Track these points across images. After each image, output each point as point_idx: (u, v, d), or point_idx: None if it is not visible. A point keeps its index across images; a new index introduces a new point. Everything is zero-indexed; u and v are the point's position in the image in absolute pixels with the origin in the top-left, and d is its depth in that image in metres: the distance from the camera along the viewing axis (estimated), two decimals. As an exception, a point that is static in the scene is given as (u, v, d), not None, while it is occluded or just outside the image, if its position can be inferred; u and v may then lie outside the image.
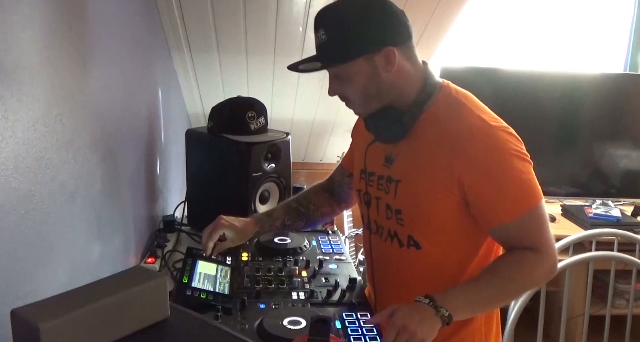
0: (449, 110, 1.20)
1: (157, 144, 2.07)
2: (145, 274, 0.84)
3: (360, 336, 1.24)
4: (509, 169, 1.14)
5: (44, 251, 1.04)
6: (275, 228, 1.53)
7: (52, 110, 1.06)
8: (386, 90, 1.20)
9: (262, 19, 2.18)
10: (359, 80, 1.19)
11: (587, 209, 2.66)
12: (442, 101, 1.21)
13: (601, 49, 3.05)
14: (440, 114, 1.20)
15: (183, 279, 1.38)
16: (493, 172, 1.13)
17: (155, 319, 0.81)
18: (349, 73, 1.19)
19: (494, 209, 1.15)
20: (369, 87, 1.19)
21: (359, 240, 2.90)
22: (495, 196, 1.14)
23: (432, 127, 1.20)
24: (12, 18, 0.90)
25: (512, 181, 1.14)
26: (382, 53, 1.16)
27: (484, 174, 1.13)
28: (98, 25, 1.36)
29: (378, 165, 1.30)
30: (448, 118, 1.19)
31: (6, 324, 0.73)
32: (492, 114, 1.20)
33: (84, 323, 0.72)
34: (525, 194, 1.14)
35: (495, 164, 1.13)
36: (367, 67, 1.17)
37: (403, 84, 1.20)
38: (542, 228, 1.16)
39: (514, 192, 1.14)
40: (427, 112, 1.21)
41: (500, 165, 1.14)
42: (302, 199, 1.58)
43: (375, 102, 1.21)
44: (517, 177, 1.14)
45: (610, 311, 2.10)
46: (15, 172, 0.91)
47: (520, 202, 1.14)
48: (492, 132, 1.15)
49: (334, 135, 2.94)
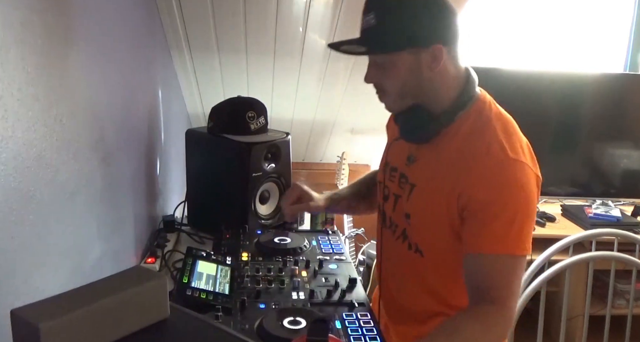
0: (475, 126, 1.15)
1: (157, 144, 2.07)
2: (145, 274, 0.84)
3: (360, 336, 1.24)
4: (508, 208, 1.08)
5: (44, 251, 1.04)
6: (340, 209, 1.52)
7: (52, 110, 1.06)
8: (424, 89, 1.15)
9: (262, 19, 2.18)
10: (400, 73, 1.13)
11: (587, 209, 2.66)
12: (473, 115, 1.17)
13: (601, 49, 3.05)
14: (466, 127, 1.16)
15: (183, 279, 1.38)
16: (495, 200, 1.08)
17: (155, 319, 0.81)
18: (391, 63, 1.13)
19: (479, 235, 1.10)
20: (409, 82, 1.14)
21: (359, 240, 2.90)
22: (486, 223, 1.09)
23: (455, 139, 1.16)
24: (11, 18, 0.90)
25: (507, 220, 1.08)
26: (430, 49, 1.11)
27: (486, 198, 1.08)
28: (98, 26, 1.36)
29: (401, 162, 1.28)
30: (471, 134, 1.14)
31: (6, 324, 0.73)
32: (519, 144, 1.12)
33: (84, 323, 0.72)
34: (515, 240, 1.09)
35: (499, 194, 1.08)
36: (411, 61, 1.12)
37: (441, 86, 1.16)
38: (513, 278, 1.10)
39: (505, 231, 1.08)
40: (455, 123, 1.17)
41: (504, 198, 1.08)
42: (368, 181, 1.55)
43: (409, 99, 1.17)
44: (513, 220, 1.08)
45: (610, 311, 2.10)
46: (15, 172, 0.91)
47: (507, 242, 1.08)
48: (507, 163, 1.09)
49: (334, 135, 2.94)
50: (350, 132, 2.90)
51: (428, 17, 1.11)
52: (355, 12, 2.16)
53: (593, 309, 2.17)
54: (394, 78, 1.15)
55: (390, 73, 1.14)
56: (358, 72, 2.50)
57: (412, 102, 1.17)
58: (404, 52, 1.11)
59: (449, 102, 1.17)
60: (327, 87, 2.59)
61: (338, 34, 2.26)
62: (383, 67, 1.15)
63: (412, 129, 1.20)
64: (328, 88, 2.60)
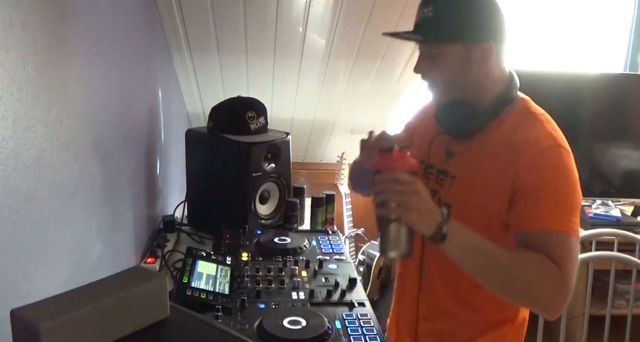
0: (521, 120, 1.19)
1: (157, 144, 2.07)
2: (145, 274, 0.84)
3: (360, 336, 1.24)
4: (567, 187, 1.12)
5: (44, 251, 1.04)
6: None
7: (52, 110, 1.06)
8: (470, 84, 1.19)
9: (262, 19, 2.18)
10: (450, 65, 1.18)
11: (587, 209, 2.66)
12: (517, 112, 1.21)
13: (601, 49, 3.05)
14: (511, 122, 1.20)
15: (183, 279, 1.38)
16: (548, 181, 1.11)
17: (155, 319, 0.81)
18: (442, 55, 1.18)
19: (530, 214, 1.11)
20: (457, 75, 1.19)
21: (359, 240, 2.90)
22: (538, 204, 1.11)
23: (500, 132, 1.19)
24: (11, 18, 0.90)
25: (557, 201, 1.11)
26: (481, 45, 1.16)
27: (539, 180, 1.11)
28: (98, 26, 1.36)
29: (440, 159, 1.29)
30: (518, 126, 1.18)
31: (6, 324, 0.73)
32: (564, 138, 1.18)
33: (84, 323, 0.72)
34: (565, 220, 1.10)
35: (552, 176, 1.12)
36: (462, 55, 1.17)
37: (486, 84, 1.20)
38: (568, 254, 1.09)
39: (555, 210, 1.11)
40: (499, 118, 1.21)
41: (557, 180, 1.12)
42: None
43: (456, 92, 1.21)
44: (562, 202, 1.11)
45: (610, 311, 2.10)
46: (15, 172, 0.91)
47: (558, 220, 1.10)
48: (558, 149, 1.14)
49: (334, 135, 2.94)
50: (350, 132, 2.89)
51: (483, 15, 1.16)
52: (355, 12, 2.18)
53: (593, 309, 2.16)
54: (443, 70, 1.19)
55: (440, 64, 1.19)
56: (358, 72, 2.50)
57: (458, 96, 1.21)
58: (457, 44, 1.16)
59: (492, 99, 1.21)
60: (327, 87, 2.59)
61: (338, 34, 2.26)
62: (434, 58, 1.19)
63: (458, 124, 1.23)
64: (328, 88, 2.60)
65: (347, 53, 2.38)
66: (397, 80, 2.57)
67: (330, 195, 2.11)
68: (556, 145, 1.14)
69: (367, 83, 2.57)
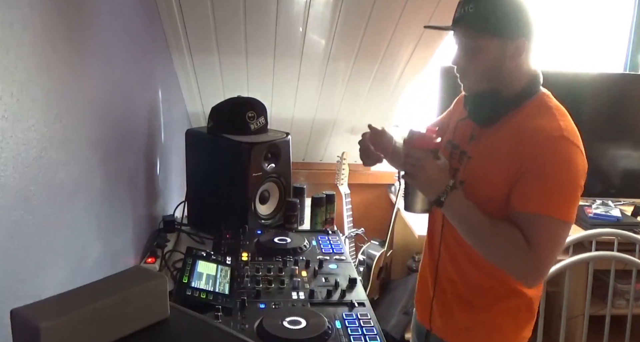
0: (537, 112, 1.28)
1: (157, 144, 2.07)
2: (145, 274, 0.84)
3: (360, 336, 1.24)
4: (561, 175, 1.21)
5: (44, 251, 1.04)
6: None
7: (52, 110, 1.06)
8: (500, 76, 1.29)
9: (262, 19, 2.18)
10: (485, 58, 1.27)
11: (587, 209, 2.66)
12: (535, 104, 1.30)
13: (601, 49, 3.05)
14: (527, 113, 1.29)
15: (183, 279, 1.38)
16: (545, 168, 1.20)
17: (155, 319, 0.81)
18: (480, 49, 1.27)
19: (526, 195, 1.22)
20: (490, 68, 1.28)
21: (359, 240, 2.90)
22: (533, 186, 1.21)
23: (516, 122, 1.29)
24: (11, 18, 0.90)
25: (552, 187, 1.21)
26: (515, 42, 1.25)
27: (537, 166, 1.21)
28: (98, 26, 1.36)
29: (464, 141, 1.41)
30: (533, 117, 1.27)
31: (6, 324, 0.73)
32: (574, 132, 1.26)
33: (84, 323, 0.72)
34: (558, 205, 1.20)
35: (550, 164, 1.21)
36: (497, 49, 1.26)
37: (515, 78, 1.30)
38: (552, 238, 1.22)
39: (549, 196, 1.21)
40: (520, 108, 1.30)
41: (554, 168, 1.21)
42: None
43: (487, 83, 1.30)
44: (561, 187, 1.21)
45: (610, 311, 2.10)
46: (15, 172, 0.91)
47: (549, 206, 1.20)
48: (563, 140, 1.22)
49: (334, 136, 2.94)
50: (350, 132, 2.89)
51: (519, 13, 1.26)
52: (355, 13, 2.18)
53: (593, 309, 2.16)
54: (479, 62, 1.28)
55: (476, 57, 1.28)
56: (358, 73, 2.50)
57: (488, 87, 1.31)
58: (495, 40, 1.26)
59: (517, 91, 1.31)
60: (327, 87, 2.59)
61: (338, 34, 2.26)
62: (471, 51, 1.29)
63: (482, 110, 1.34)
64: (328, 88, 2.60)
65: (347, 53, 2.38)
66: (397, 81, 2.57)
67: (330, 195, 2.11)
68: (561, 137, 1.22)
69: (367, 83, 2.57)
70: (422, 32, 2.25)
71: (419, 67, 2.49)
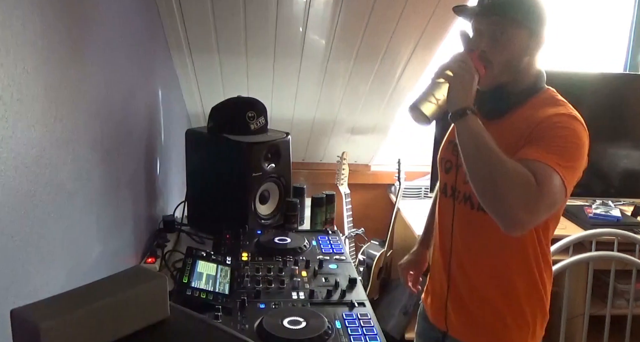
0: (545, 104, 1.30)
1: (157, 144, 2.07)
2: (145, 274, 0.84)
3: (360, 336, 1.24)
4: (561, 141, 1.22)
5: (44, 251, 1.04)
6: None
7: (52, 110, 1.06)
8: (517, 69, 1.30)
9: (262, 19, 2.18)
10: (513, 47, 1.27)
11: (587, 209, 2.66)
12: (542, 99, 1.33)
13: (601, 49, 3.05)
14: (534, 106, 1.31)
15: (183, 279, 1.38)
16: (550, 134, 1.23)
17: (155, 319, 0.81)
18: (508, 38, 1.27)
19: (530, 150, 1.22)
20: (515, 58, 1.29)
21: (359, 240, 2.90)
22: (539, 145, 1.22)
23: (523, 115, 1.30)
24: (11, 18, 0.90)
25: (557, 148, 1.21)
26: (539, 37, 1.28)
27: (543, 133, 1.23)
28: (98, 26, 1.36)
29: None
30: (541, 108, 1.29)
31: (6, 324, 0.73)
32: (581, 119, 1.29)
33: (84, 323, 0.72)
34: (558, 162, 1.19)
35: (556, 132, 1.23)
36: (524, 41, 1.27)
37: (526, 73, 1.32)
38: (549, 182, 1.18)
39: (553, 153, 1.20)
40: (526, 103, 1.32)
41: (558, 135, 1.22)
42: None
43: (506, 76, 1.30)
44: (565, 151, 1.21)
45: (610, 311, 2.10)
46: (15, 172, 0.91)
47: (551, 159, 1.19)
48: (570, 117, 1.26)
49: (334, 136, 2.94)
50: (350, 132, 2.89)
51: (542, 9, 1.29)
52: (355, 12, 2.18)
53: (593, 309, 2.17)
54: (505, 52, 1.28)
55: (503, 46, 1.27)
56: (358, 73, 2.50)
57: (506, 80, 1.31)
58: (523, 31, 1.27)
59: (523, 87, 1.33)
60: (327, 87, 2.59)
61: (338, 34, 2.25)
62: (498, 40, 1.27)
63: (488, 107, 1.34)
64: (328, 88, 2.60)
65: (347, 53, 2.38)
66: (397, 81, 2.57)
67: (330, 195, 2.11)
68: (569, 115, 1.26)
69: (367, 83, 2.57)
70: (422, 31, 2.26)
71: (420, 68, 2.49)
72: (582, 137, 1.26)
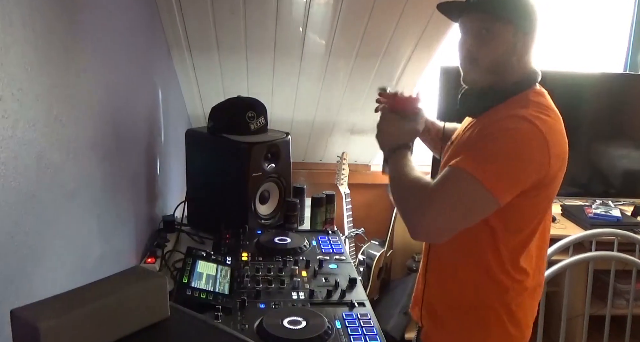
0: (515, 105, 1.26)
1: (157, 144, 2.07)
2: (145, 274, 0.84)
3: (360, 336, 1.24)
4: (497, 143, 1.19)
5: (44, 251, 1.04)
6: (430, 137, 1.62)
7: (52, 110, 1.06)
8: (503, 70, 1.27)
9: (262, 19, 2.18)
10: (499, 45, 1.25)
11: (587, 209, 2.66)
12: (519, 98, 1.28)
13: (601, 49, 3.04)
14: (509, 105, 1.27)
15: (183, 279, 1.38)
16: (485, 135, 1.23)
17: (155, 319, 0.81)
18: (493, 35, 1.25)
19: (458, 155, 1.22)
20: (501, 57, 1.26)
21: (359, 240, 2.90)
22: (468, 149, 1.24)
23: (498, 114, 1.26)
24: (11, 17, 0.90)
25: (486, 150, 1.19)
26: (527, 34, 1.25)
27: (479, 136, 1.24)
28: (98, 25, 1.36)
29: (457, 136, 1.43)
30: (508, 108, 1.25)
31: (6, 324, 0.73)
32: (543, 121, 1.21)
33: (84, 323, 0.72)
34: (480, 164, 1.17)
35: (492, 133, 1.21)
36: (510, 38, 1.24)
37: (511, 72, 1.28)
38: (449, 188, 1.19)
39: (475, 155, 1.19)
40: (504, 102, 1.28)
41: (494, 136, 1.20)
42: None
43: (492, 76, 1.28)
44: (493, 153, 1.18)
45: (610, 311, 2.10)
46: (15, 172, 0.91)
47: (468, 162, 1.18)
48: (517, 118, 1.20)
49: (334, 135, 2.94)
50: (350, 132, 2.89)
51: (531, 7, 1.26)
52: (355, 12, 2.18)
53: (593, 309, 2.17)
54: (490, 49, 1.26)
55: (489, 44, 1.25)
56: (358, 72, 2.50)
57: (491, 80, 1.29)
58: (509, 26, 1.24)
59: (507, 85, 1.29)
60: (327, 87, 2.59)
61: (338, 33, 2.26)
62: (484, 38, 1.26)
63: (469, 104, 1.35)
64: (328, 88, 2.60)
65: (347, 53, 2.38)
66: (397, 80, 2.57)
67: (330, 195, 2.11)
68: (517, 116, 1.20)
69: (367, 83, 2.57)
70: (422, 31, 2.26)
71: (420, 67, 2.49)
72: (526, 138, 1.18)
